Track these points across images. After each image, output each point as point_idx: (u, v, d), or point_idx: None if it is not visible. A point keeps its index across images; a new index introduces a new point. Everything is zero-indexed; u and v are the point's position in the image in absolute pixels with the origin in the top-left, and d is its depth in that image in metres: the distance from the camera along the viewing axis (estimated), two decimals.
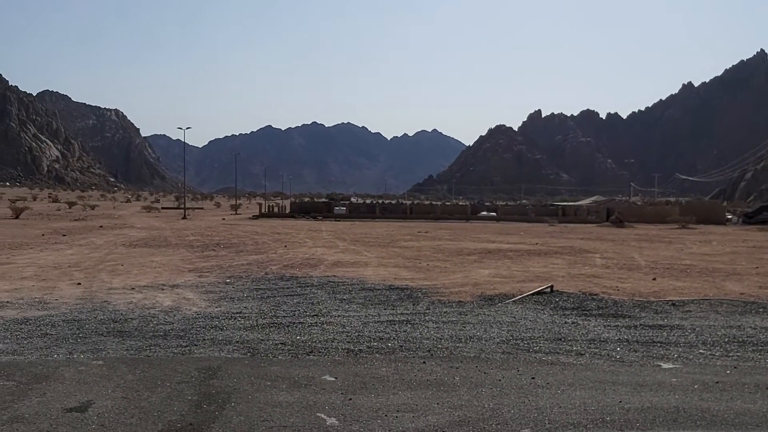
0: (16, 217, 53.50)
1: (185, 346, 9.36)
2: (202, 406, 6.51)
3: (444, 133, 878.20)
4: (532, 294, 14.44)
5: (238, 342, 9.67)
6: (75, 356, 8.69)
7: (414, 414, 6.36)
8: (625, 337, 10.33)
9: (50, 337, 9.87)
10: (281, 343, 9.58)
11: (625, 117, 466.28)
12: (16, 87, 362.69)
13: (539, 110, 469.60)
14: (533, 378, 7.73)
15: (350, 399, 6.81)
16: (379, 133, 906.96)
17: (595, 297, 14.31)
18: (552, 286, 15.20)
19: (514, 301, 13.75)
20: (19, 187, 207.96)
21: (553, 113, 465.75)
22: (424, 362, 8.49)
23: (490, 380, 7.63)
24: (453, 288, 15.61)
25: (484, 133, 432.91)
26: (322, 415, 6.29)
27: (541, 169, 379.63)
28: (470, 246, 29.04)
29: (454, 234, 39.35)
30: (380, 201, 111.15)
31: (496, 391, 7.16)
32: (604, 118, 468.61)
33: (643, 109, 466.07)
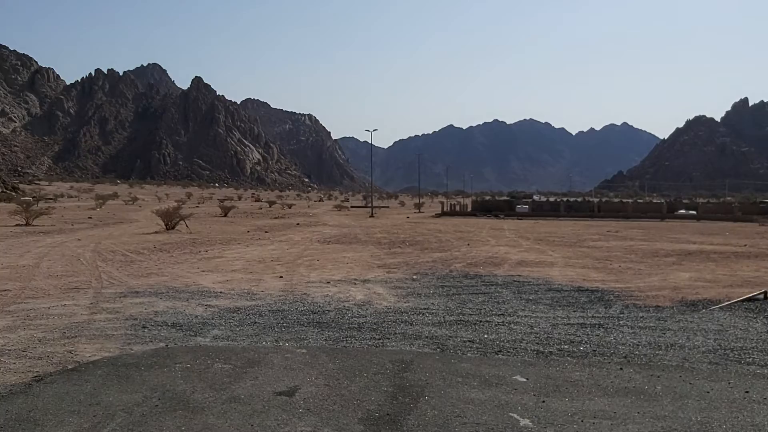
0: (225, 215, 59.22)
1: (378, 339, 9.77)
2: (397, 398, 6.76)
3: (635, 126, 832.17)
4: (743, 300, 13.14)
5: (427, 337, 9.89)
6: (281, 344, 9.43)
7: (612, 422, 6.08)
8: None
9: (258, 326, 10.80)
10: (469, 341, 9.64)
11: None
12: (223, 96, 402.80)
13: (746, 98, 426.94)
14: (747, 392, 7.05)
15: (543, 401, 6.68)
16: (563, 128, 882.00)
17: None
18: (766, 293, 13.71)
19: (720, 307, 12.61)
20: (226, 188, 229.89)
21: (762, 101, 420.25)
22: (621, 368, 8.08)
23: (697, 391, 7.07)
24: (649, 291, 14.68)
25: (681, 125, 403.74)
26: (515, 416, 6.23)
27: (748, 163, 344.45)
28: (667, 247, 27.12)
29: (647, 234, 37.00)
30: (565, 199, 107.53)
31: (704, 404, 6.62)
32: None
33: None
